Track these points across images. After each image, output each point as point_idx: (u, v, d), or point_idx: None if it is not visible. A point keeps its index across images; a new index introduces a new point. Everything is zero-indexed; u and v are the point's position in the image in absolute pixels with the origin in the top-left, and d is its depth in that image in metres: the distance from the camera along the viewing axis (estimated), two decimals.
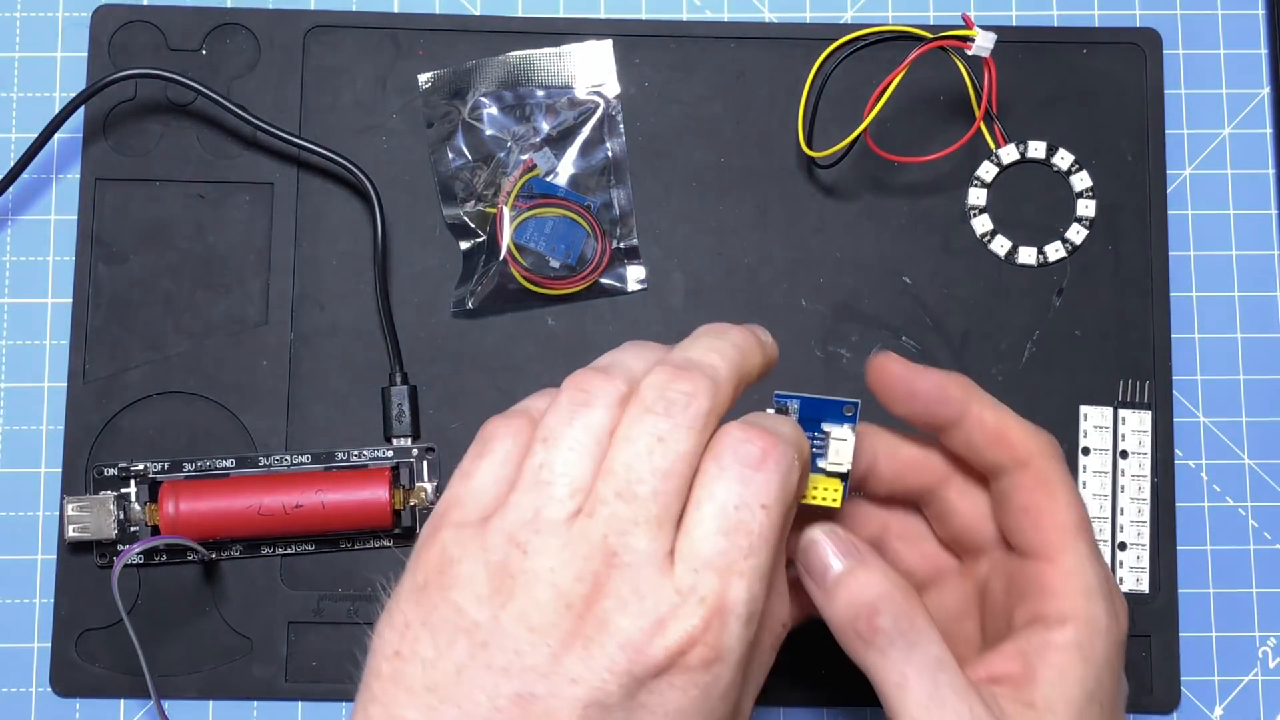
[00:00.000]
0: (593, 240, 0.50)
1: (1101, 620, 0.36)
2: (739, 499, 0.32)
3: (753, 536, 0.32)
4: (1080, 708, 0.35)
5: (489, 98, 0.51)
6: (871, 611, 0.35)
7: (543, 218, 0.50)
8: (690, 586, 0.31)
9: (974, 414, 0.38)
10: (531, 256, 0.50)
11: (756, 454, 0.33)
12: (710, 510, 0.32)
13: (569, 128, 0.51)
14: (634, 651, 0.31)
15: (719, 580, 0.31)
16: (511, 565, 0.32)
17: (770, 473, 0.33)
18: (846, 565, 0.36)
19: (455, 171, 0.50)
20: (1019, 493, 0.37)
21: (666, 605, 0.31)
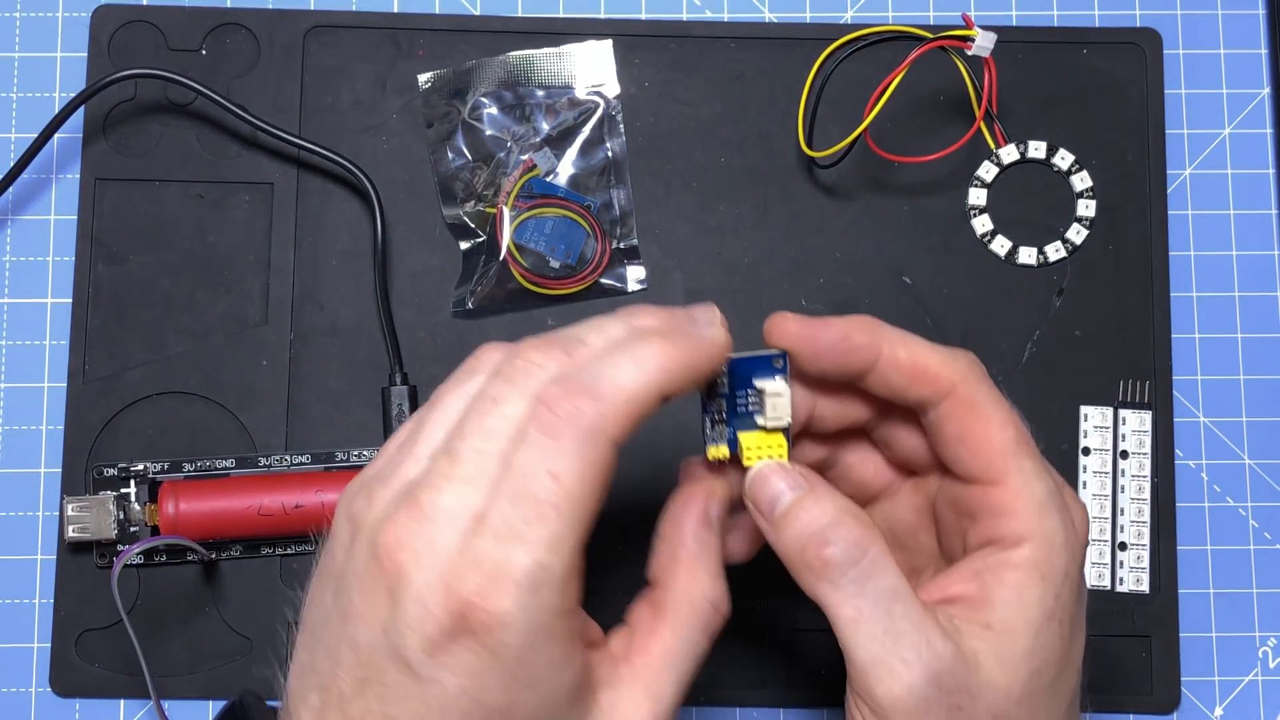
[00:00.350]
0: (593, 240, 0.50)
1: (1058, 534, 0.35)
2: (529, 465, 0.31)
3: (540, 505, 0.31)
4: (1039, 627, 0.34)
5: (489, 98, 0.51)
6: (821, 541, 0.34)
7: (543, 218, 0.50)
8: (477, 550, 0.31)
9: (886, 355, 0.36)
10: (531, 256, 0.50)
11: (550, 420, 0.32)
12: (509, 476, 0.32)
13: (569, 128, 0.51)
14: (423, 609, 0.31)
15: (499, 546, 0.31)
16: (358, 517, 0.33)
17: (564, 440, 0.32)
18: (794, 495, 0.35)
19: (455, 171, 0.50)
20: (949, 423, 0.36)
21: (449, 565, 0.31)
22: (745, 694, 0.48)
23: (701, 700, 0.48)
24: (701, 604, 0.35)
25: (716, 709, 0.49)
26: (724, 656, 0.48)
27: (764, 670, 0.48)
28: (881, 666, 0.33)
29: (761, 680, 0.48)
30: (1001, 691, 0.34)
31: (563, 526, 0.31)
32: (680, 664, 0.34)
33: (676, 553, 0.36)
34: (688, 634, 0.35)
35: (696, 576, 0.35)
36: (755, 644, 0.49)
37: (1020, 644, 0.34)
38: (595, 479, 0.32)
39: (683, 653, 0.35)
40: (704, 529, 0.36)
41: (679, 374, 0.33)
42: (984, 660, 0.34)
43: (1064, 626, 0.35)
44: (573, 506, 0.32)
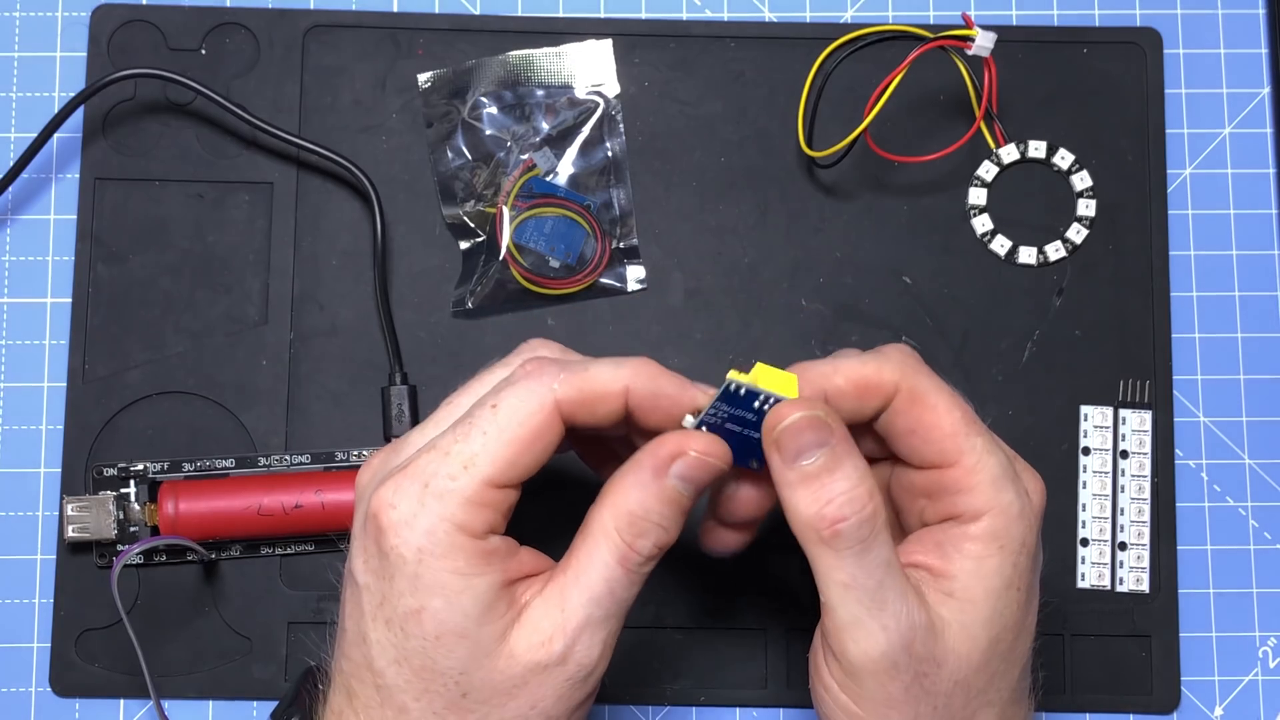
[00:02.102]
0: (592, 240, 0.50)
1: (1014, 505, 0.36)
2: (480, 402, 0.36)
3: (471, 428, 0.35)
4: (998, 596, 0.36)
5: (489, 97, 0.51)
6: (836, 515, 0.35)
7: (542, 218, 0.50)
8: (409, 465, 0.36)
9: (830, 391, 0.37)
10: (531, 256, 0.50)
11: (516, 376, 0.36)
12: (465, 414, 0.37)
13: (569, 127, 0.51)
14: (357, 520, 0.37)
15: (421, 462, 0.35)
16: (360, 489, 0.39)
17: (515, 386, 0.36)
18: (820, 461, 0.35)
19: (455, 171, 0.50)
20: (898, 418, 0.37)
21: (385, 479, 0.36)
22: (745, 694, 0.48)
23: (702, 700, 0.48)
24: (611, 532, 0.36)
25: (717, 709, 0.49)
26: (724, 656, 0.48)
27: (764, 670, 0.48)
28: (860, 628, 0.35)
29: (761, 680, 0.48)
30: (964, 659, 0.36)
31: (483, 449, 0.35)
32: (591, 584, 0.36)
33: (610, 484, 0.37)
34: (598, 555, 0.36)
35: (615, 505, 0.36)
36: (755, 644, 0.49)
37: (981, 612, 0.36)
38: (533, 426, 0.35)
39: (592, 574, 0.36)
40: (651, 474, 0.36)
41: (646, 386, 0.36)
42: (949, 628, 0.36)
43: (1021, 594, 0.36)
44: (501, 437, 0.35)
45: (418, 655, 0.35)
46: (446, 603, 0.35)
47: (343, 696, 0.37)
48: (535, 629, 0.35)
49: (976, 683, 0.36)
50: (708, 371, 0.46)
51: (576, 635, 0.35)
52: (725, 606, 0.49)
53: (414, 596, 0.35)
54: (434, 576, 0.35)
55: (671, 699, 0.48)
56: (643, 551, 0.36)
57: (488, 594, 0.35)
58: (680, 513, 0.36)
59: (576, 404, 0.36)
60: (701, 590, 0.49)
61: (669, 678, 0.48)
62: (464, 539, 0.35)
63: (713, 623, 0.49)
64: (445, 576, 0.35)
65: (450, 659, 0.35)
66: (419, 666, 0.35)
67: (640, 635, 0.48)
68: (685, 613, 0.49)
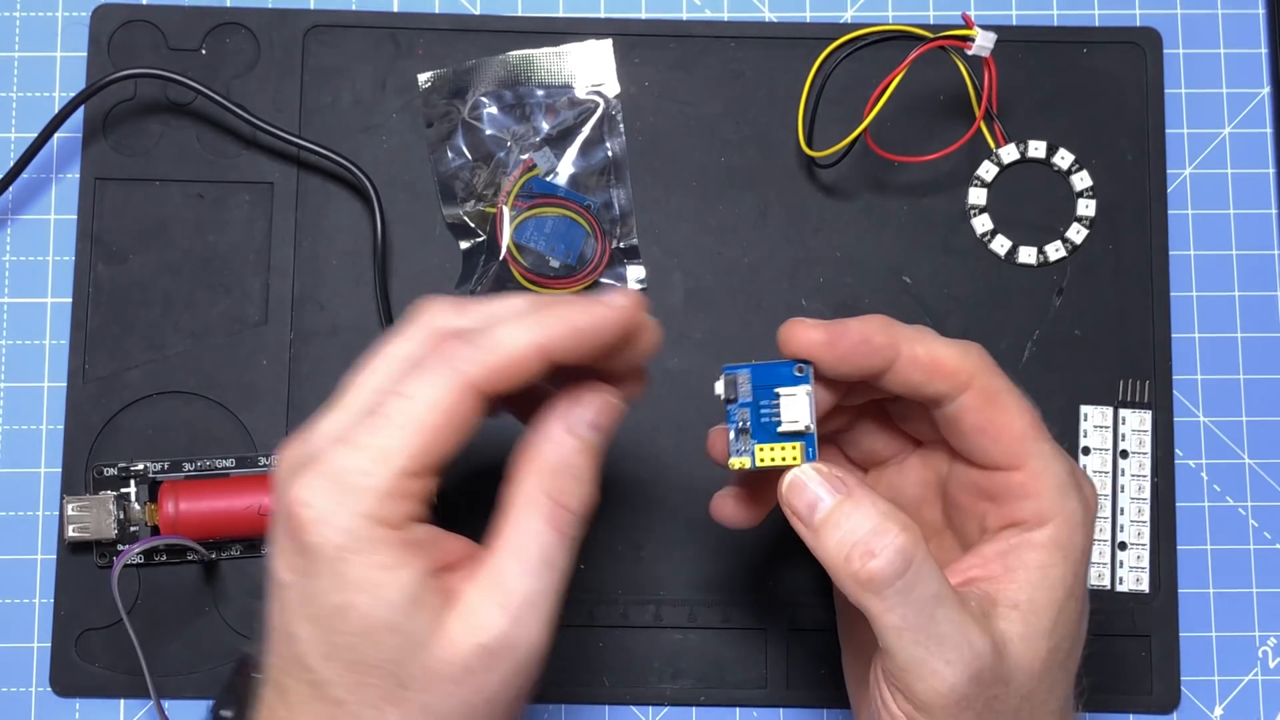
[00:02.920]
0: (592, 240, 0.50)
1: (1077, 513, 0.36)
2: (393, 390, 0.34)
3: (384, 419, 0.34)
4: (1061, 605, 0.36)
5: (489, 97, 0.51)
6: (865, 552, 0.34)
7: (542, 217, 0.50)
8: (321, 460, 0.34)
9: (905, 355, 0.36)
10: (531, 256, 0.50)
11: (429, 359, 0.34)
12: (378, 401, 0.35)
13: (569, 127, 0.51)
14: (274, 518, 0.35)
15: (333, 454, 0.34)
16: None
17: (430, 372, 0.34)
18: (834, 500, 0.35)
19: (455, 171, 0.50)
20: (969, 414, 0.37)
21: (299, 476, 0.34)
22: (745, 694, 0.48)
23: (702, 700, 0.48)
24: (536, 496, 0.35)
25: (717, 709, 0.49)
26: (724, 656, 0.48)
27: (764, 670, 0.48)
28: (924, 667, 0.34)
29: (761, 680, 0.48)
30: (1027, 672, 0.35)
31: (397, 441, 0.34)
32: (526, 555, 0.35)
33: (523, 453, 0.36)
34: (527, 523, 0.35)
35: (535, 468, 0.36)
36: (755, 644, 0.49)
37: (1044, 622, 0.35)
38: (446, 411, 0.34)
39: (526, 544, 0.35)
40: (563, 431, 0.36)
41: (561, 339, 0.35)
42: (1011, 643, 0.35)
43: (1079, 602, 0.37)
44: (414, 426, 0.34)
45: (348, 650, 0.34)
46: (372, 598, 0.34)
47: (275, 693, 0.36)
48: (473, 613, 0.34)
49: (1039, 693, 0.36)
50: (707, 372, 0.46)
51: (519, 613, 0.34)
52: (725, 606, 0.49)
53: (338, 594, 0.34)
54: (356, 573, 0.34)
55: (671, 699, 0.48)
56: (571, 507, 0.35)
57: (413, 585, 0.34)
58: (595, 463, 0.36)
59: (492, 381, 0.34)
60: (702, 590, 0.49)
61: (669, 678, 0.48)
62: (384, 532, 0.34)
63: (713, 623, 0.49)
64: (368, 572, 0.34)
65: (382, 653, 0.34)
66: (350, 661, 0.34)
67: (640, 635, 0.48)
68: (685, 613, 0.49)
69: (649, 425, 0.49)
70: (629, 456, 0.49)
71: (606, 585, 0.49)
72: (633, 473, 0.49)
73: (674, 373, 0.49)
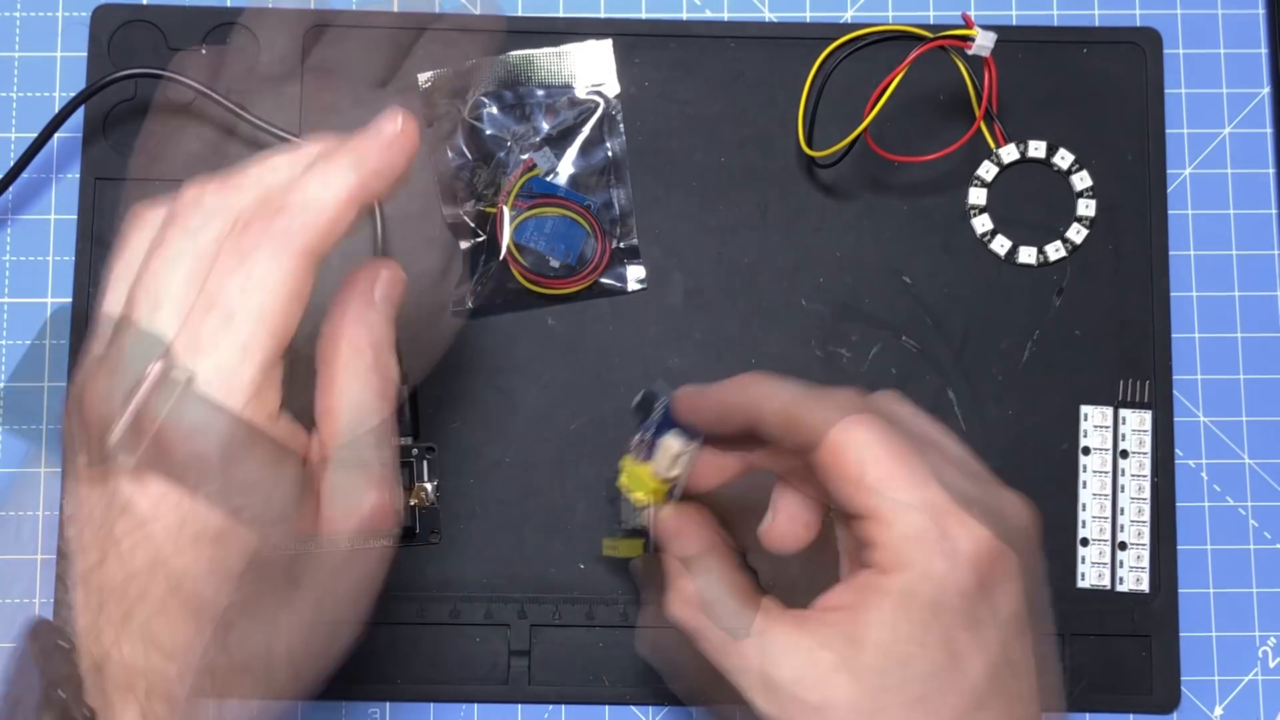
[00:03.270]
0: (592, 240, 0.50)
1: (936, 566, 0.35)
2: (220, 282, 0.33)
3: (229, 316, 0.33)
4: (897, 649, 0.35)
5: (489, 97, 0.51)
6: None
7: (542, 217, 0.50)
8: (168, 375, 0.32)
9: (763, 413, 0.38)
10: (531, 256, 0.50)
11: (243, 239, 0.33)
12: (201, 297, 0.33)
13: (569, 127, 0.51)
14: (121, 453, 0.33)
15: (187, 363, 0.33)
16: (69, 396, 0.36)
17: (257, 254, 0.33)
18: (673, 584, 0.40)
19: (455, 171, 0.50)
20: (821, 466, 0.37)
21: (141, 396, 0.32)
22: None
23: (702, 700, 0.48)
24: (350, 353, 0.36)
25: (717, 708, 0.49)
26: None
27: None
28: None
29: None
30: (850, 704, 0.35)
31: (251, 336, 0.33)
32: (342, 406, 0.35)
33: (329, 317, 0.36)
34: (345, 379, 0.35)
35: (344, 326, 0.36)
36: None
37: (873, 660, 0.35)
38: (290, 288, 0.33)
39: (344, 397, 0.35)
40: (365, 307, 0.37)
41: (370, 180, 0.34)
42: (837, 675, 0.36)
43: (933, 650, 0.35)
44: (264, 313, 0.33)
45: (236, 562, 0.33)
46: (265, 497, 0.33)
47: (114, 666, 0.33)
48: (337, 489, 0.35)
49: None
50: (707, 371, 0.46)
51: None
52: None
53: (226, 500, 0.33)
54: (245, 474, 0.33)
55: (672, 699, 0.48)
56: (381, 366, 0.36)
57: (298, 476, 0.34)
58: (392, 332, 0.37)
59: (324, 243, 0.34)
60: None
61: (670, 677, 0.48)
62: (262, 427, 0.33)
63: None
64: (257, 471, 0.33)
65: (275, 553, 0.34)
66: (242, 574, 0.33)
67: (641, 635, 0.48)
68: None
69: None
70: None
71: (606, 585, 0.49)
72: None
73: (674, 372, 0.49)
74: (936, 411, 0.49)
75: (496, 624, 0.48)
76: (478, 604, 0.48)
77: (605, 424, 0.49)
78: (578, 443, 0.49)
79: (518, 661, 0.48)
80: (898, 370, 0.50)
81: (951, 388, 0.50)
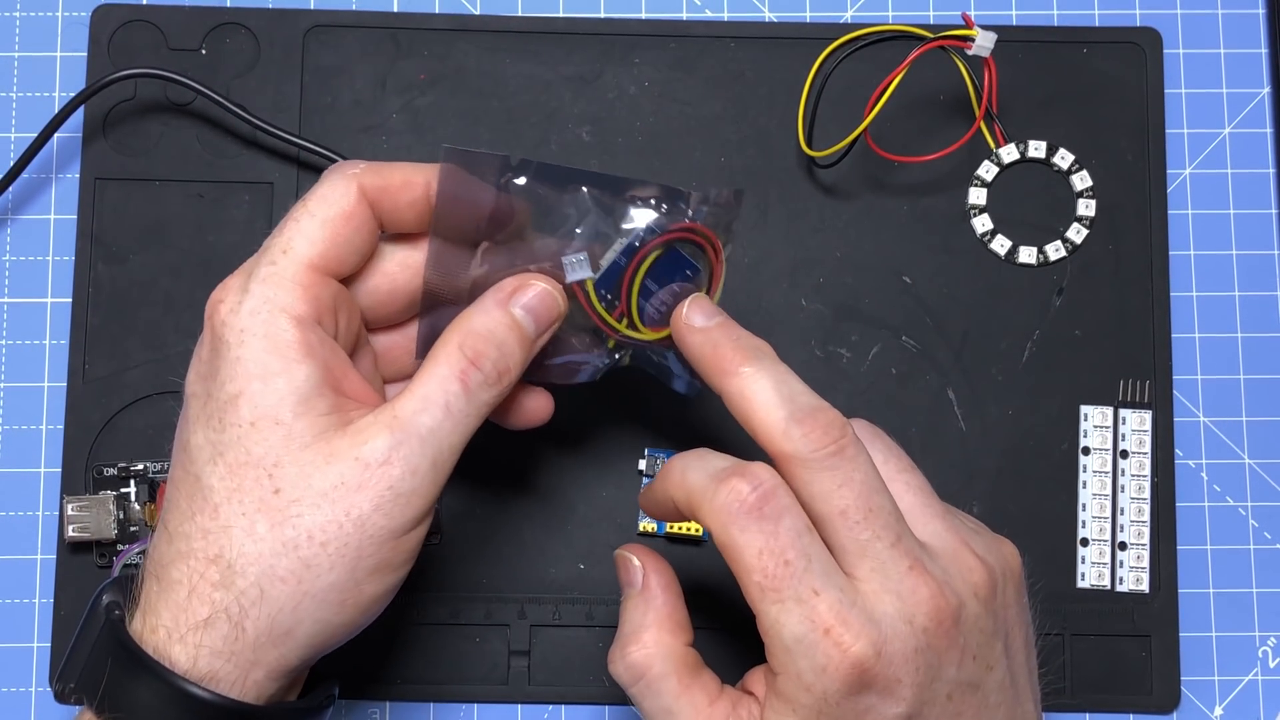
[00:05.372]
0: None
1: (807, 674, 0.35)
2: None
3: (285, 222, 0.39)
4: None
5: None
6: (615, 649, 0.39)
7: None
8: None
9: (680, 507, 0.37)
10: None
11: None
12: None
13: None
14: None
15: (251, 261, 0.39)
16: None
17: (322, 183, 0.39)
18: (625, 591, 0.40)
19: None
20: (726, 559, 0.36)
21: None
22: None
23: None
24: (453, 349, 0.37)
25: None
26: (726, 654, 0.48)
27: None
28: None
29: None
30: None
31: (297, 234, 0.37)
32: (427, 394, 0.37)
33: (456, 319, 0.39)
34: (437, 371, 0.37)
35: (459, 327, 0.38)
36: (756, 641, 0.49)
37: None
38: (338, 205, 0.38)
39: (430, 386, 0.37)
40: (494, 304, 0.39)
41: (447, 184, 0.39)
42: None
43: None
44: (310, 221, 0.38)
45: (233, 447, 0.36)
46: (264, 385, 0.36)
47: (161, 525, 0.37)
48: (359, 431, 0.36)
49: None
50: None
51: (404, 440, 0.36)
52: (726, 603, 0.49)
53: (234, 382, 0.36)
54: (254, 357, 0.36)
55: None
56: (483, 368, 0.37)
57: (307, 384, 0.36)
58: (522, 346, 0.38)
59: (380, 190, 0.38)
60: (702, 587, 0.49)
61: None
62: (286, 321, 0.36)
63: (714, 622, 0.49)
64: (265, 357, 0.36)
65: (263, 446, 0.35)
66: (233, 461, 0.35)
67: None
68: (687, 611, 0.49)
69: (652, 426, 0.49)
70: (633, 455, 0.49)
71: (606, 585, 0.49)
72: (634, 471, 0.49)
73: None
74: (936, 411, 0.49)
75: (496, 624, 0.48)
76: (478, 604, 0.48)
77: (606, 423, 0.49)
78: (578, 442, 0.49)
79: (518, 661, 0.48)
80: (897, 370, 0.50)
81: (951, 388, 0.50)
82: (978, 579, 0.36)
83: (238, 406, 0.36)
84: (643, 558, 0.40)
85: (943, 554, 0.37)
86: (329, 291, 0.38)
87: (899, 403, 0.50)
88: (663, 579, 0.39)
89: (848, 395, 0.50)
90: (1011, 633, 0.38)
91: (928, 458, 0.49)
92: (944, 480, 0.49)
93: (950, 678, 0.35)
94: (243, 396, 0.36)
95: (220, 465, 0.36)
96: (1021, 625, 0.38)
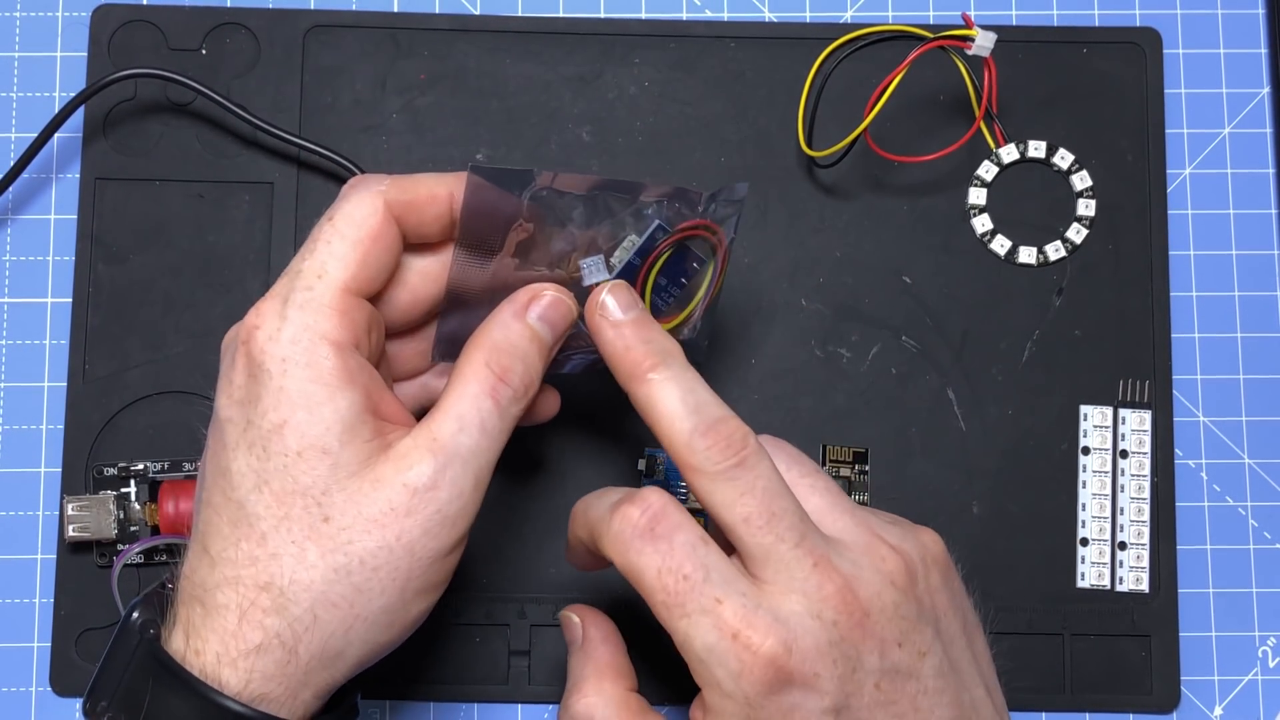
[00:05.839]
0: None
1: (724, 683, 0.35)
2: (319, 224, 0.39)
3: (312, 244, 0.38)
4: None
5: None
6: None
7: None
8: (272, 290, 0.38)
9: (587, 544, 0.39)
10: None
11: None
12: None
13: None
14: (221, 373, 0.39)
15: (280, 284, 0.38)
16: None
17: (342, 200, 0.39)
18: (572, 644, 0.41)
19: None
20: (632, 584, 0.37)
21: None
22: None
23: None
24: (479, 366, 0.37)
25: None
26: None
27: None
28: None
29: None
30: None
31: (330, 257, 0.37)
32: (462, 414, 0.37)
33: (475, 333, 0.39)
34: (467, 390, 0.37)
35: (481, 344, 0.38)
36: None
37: None
38: (366, 224, 0.37)
39: (463, 405, 0.37)
40: (511, 316, 0.39)
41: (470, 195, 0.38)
42: None
43: None
44: (341, 242, 0.37)
45: (278, 476, 0.35)
46: (310, 414, 0.35)
47: (198, 545, 0.37)
48: (403, 457, 0.36)
49: None
50: (706, 371, 0.46)
51: (448, 463, 0.36)
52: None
53: (277, 411, 0.36)
54: (298, 387, 0.36)
55: (671, 698, 0.48)
56: (511, 383, 0.37)
57: (350, 411, 0.36)
58: (541, 356, 0.39)
59: (405, 206, 0.38)
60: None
61: (671, 676, 0.48)
62: (327, 348, 0.36)
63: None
64: (309, 387, 0.36)
65: (311, 476, 0.35)
66: (279, 489, 0.35)
67: (643, 634, 0.48)
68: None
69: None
70: (632, 455, 0.49)
71: (606, 585, 0.49)
72: (634, 470, 0.49)
73: None
74: (936, 411, 0.49)
75: (496, 624, 0.48)
76: (478, 604, 0.48)
77: (606, 423, 0.49)
78: (578, 442, 0.49)
79: (518, 661, 0.48)
80: (898, 370, 0.50)
81: (951, 388, 0.50)
82: (891, 567, 0.37)
83: (283, 436, 0.36)
84: (582, 615, 0.41)
85: (853, 547, 0.37)
86: (364, 314, 0.38)
87: (899, 403, 0.50)
88: (601, 631, 0.41)
89: (848, 395, 0.50)
90: (944, 618, 0.38)
91: (928, 458, 0.49)
92: (944, 480, 0.49)
93: (873, 667, 0.36)
94: (287, 426, 0.36)
95: (266, 493, 0.36)
96: (955, 610, 0.38)
